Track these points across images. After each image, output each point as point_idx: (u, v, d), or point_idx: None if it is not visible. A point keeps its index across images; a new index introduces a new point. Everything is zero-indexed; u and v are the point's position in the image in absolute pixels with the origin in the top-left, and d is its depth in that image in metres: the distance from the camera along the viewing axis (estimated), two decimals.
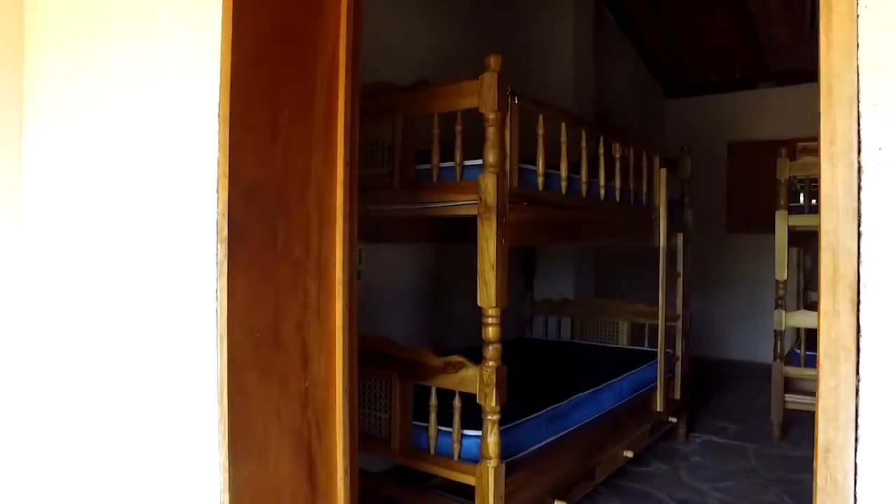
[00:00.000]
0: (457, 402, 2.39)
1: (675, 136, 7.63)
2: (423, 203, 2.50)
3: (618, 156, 3.19)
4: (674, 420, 4.08)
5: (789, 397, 4.40)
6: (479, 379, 2.30)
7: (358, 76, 1.72)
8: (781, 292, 4.35)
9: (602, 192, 3.04)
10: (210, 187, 1.46)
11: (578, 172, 2.88)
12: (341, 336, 1.68)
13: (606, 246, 5.44)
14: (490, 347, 2.30)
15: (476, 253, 2.27)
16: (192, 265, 1.50)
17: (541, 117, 2.54)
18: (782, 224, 4.29)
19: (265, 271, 1.52)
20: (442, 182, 2.47)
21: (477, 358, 2.36)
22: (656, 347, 4.37)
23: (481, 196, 2.25)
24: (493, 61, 2.25)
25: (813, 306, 5.89)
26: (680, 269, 4.14)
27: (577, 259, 5.19)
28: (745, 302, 7.31)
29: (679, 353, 4.20)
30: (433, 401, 2.45)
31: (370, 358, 2.60)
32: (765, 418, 4.89)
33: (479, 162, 2.34)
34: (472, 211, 2.33)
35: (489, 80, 2.25)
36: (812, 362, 4.29)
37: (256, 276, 1.50)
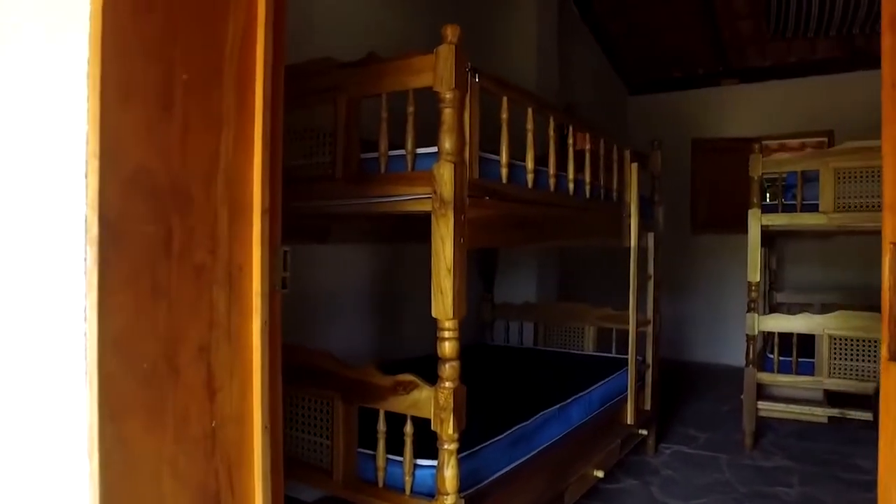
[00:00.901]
0: (408, 429, 2.07)
1: (639, 133, 7.44)
2: (370, 197, 2.17)
3: (588, 147, 2.91)
4: (644, 432, 3.83)
5: (761, 404, 4.21)
6: (433, 402, 1.98)
7: (283, 34, 1.38)
8: (754, 295, 4.15)
9: (571, 186, 2.75)
10: (77, 173, 1.11)
11: (545, 165, 2.58)
12: (259, 359, 1.34)
13: (573, 246, 5.19)
14: (447, 366, 1.98)
15: (430, 255, 1.95)
16: (54, 276, 1.14)
17: (504, 99, 2.23)
18: (755, 224, 4.09)
19: (156, 282, 1.17)
20: (391, 173, 2.14)
21: (433, 368, 2.04)
22: (625, 354, 4.12)
23: (436, 189, 1.93)
24: (451, 32, 1.93)
25: (777, 308, 5.76)
26: (651, 270, 3.89)
27: (539, 260, 4.92)
28: (708, 304, 7.17)
29: (649, 360, 3.95)
30: (381, 426, 2.12)
31: (309, 376, 2.26)
32: (735, 425, 4.70)
33: (434, 150, 2.02)
34: (426, 206, 2.01)
35: (446, 53, 1.93)
36: (786, 368, 4.11)
37: (143, 289, 1.15)
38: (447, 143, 1.93)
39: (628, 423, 3.58)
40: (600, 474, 3.12)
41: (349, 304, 3.57)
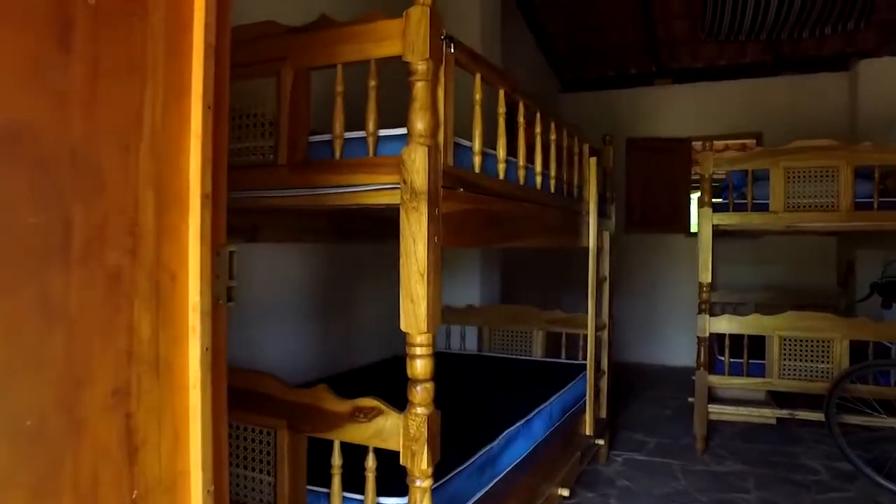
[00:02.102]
0: (370, 463, 1.74)
1: None
2: (321, 187, 1.82)
3: (553, 138, 2.67)
4: (601, 442, 3.63)
5: (712, 407, 4.11)
6: (402, 431, 1.66)
7: None
8: (705, 295, 4.04)
9: (539, 180, 2.49)
10: None
11: (513, 155, 2.31)
12: (199, 400, 0.98)
13: (529, 247, 4.96)
14: (419, 388, 1.67)
15: (394, 254, 1.63)
16: None
17: (478, 77, 1.94)
18: (706, 223, 3.98)
19: (45, 297, 0.80)
20: (348, 158, 1.80)
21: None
22: (575, 359, 3.94)
23: (406, 177, 1.61)
24: None
25: (712, 308, 5.74)
26: (606, 272, 3.70)
27: (482, 260, 4.67)
28: (642, 304, 7.14)
29: (604, 365, 3.76)
30: (337, 459, 1.78)
31: (246, 401, 1.89)
32: (682, 428, 4.62)
33: (401, 131, 1.71)
34: (392, 198, 1.69)
35: (418, 16, 1.61)
36: (737, 370, 4.02)
37: (23, 308, 0.78)
38: (419, 123, 1.61)
39: (587, 433, 3.36)
40: (566, 493, 2.89)
41: (290, 311, 3.18)
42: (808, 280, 6.34)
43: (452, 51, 1.73)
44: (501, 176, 2.11)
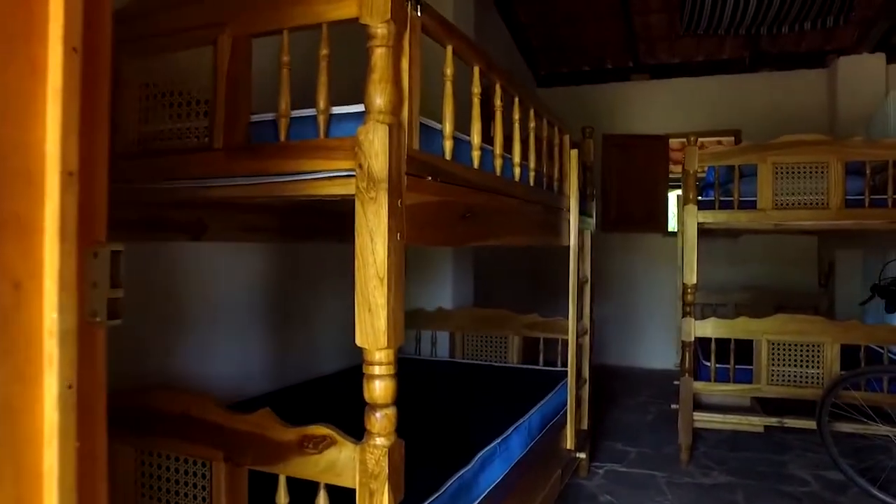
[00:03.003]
0: (322, 501, 1.46)
1: None
2: (264, 175, 1.54)
3: (532, 126, 2.41)
4: (583, 455, 3.39)
5: (697, 415, 3.90)
6: (359, 466, 1.39)
7: None
8: (690, 298, 3.83)
9: (517, 171, 2.23)
10: None
11: (489, 143, 2.05)
12: (58, 461, 0.70)
13: (506, 245, 4.70)
14: (378, 415, 1.39)
15: (350, 255, 1.36)
16: None
17: (449, 49, 1.68)
18: (692, 221, 3.76)
19: None
20: (295, 141, 1.53)
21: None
22: (554, 366, 3.70)
23: (362, 161, 1.34)
24: None
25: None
26: (587, 273, 3.46)
27: (454, 259, 4.41)
28: (620, 305, 6.95)
29: (585, 373, 3.53)
30: (282, 498, 1.51)
31: (177, 427, 1.61)
32: (664, 436, 4.41)
33: (359, 108, 1.44)
34: (346, 188, 1.42)
35: None
36: (723, 376, 3.81)
37: None
38: (379, 98, 1.34)
39: (568, 447, 3.12)
40: None
41: (246, 316, 2.89)
42: (789, 280, 6.20)
43: (419, 14, 1.47)
44: (476, 164, 1.84)
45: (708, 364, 3.85)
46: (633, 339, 6.97)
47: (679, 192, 8.37)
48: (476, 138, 1.84)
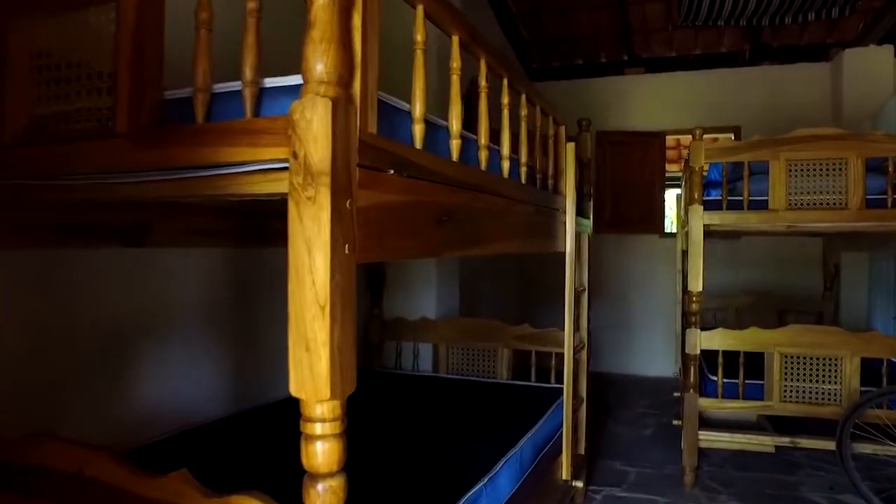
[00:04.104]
0: None
1: None
2: (176, 169, 1.19)
3: (524, 113, 2.07)
4: (579, 484, 3.05)
5: (702, 434, 3.57)
6: None
7: None
8: (696, 307, 3.49)
9: (506, 166, 1.89)
10: None
11: (472, 131, 1.71)
12: None
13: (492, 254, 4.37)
14: (319, 487, 1.04)
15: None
16: None
17: (420, 10, 1.32)
18: (697, 223, 3.43)
19: None
20: (216, 122, 1.18)
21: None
22: (547, 382, 3.36)
23: (297, 148, 1.00)
24: None
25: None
26: (585, 281, 3.12)
27: (438, 264, 4.06)
28: (615, 310, 6.62)
29: (583, 391, 3.19)
30: None
31: (70, 492, 1.25)
32: (665, 454, 4.09)
33: (296, 80, 1.09)
34: (280, 185, 1.07)
35: None
36: (732, 392, 3.49)
37: None
38: (320, 63, 1.00)
39: (564, 477, 2.78)
40: None
41: (190, 332, 2.53)
42: (792, 283, 5.89)
43: None
44: (455, 156, 1.50)
45: (714, 379, 3.52)
46: (629, 346, 6.65)
47: (677, 191, 8.10)
48: (456, 124, 1.49)
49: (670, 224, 8.01)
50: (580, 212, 3.04)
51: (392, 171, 1.18)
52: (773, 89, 6.30)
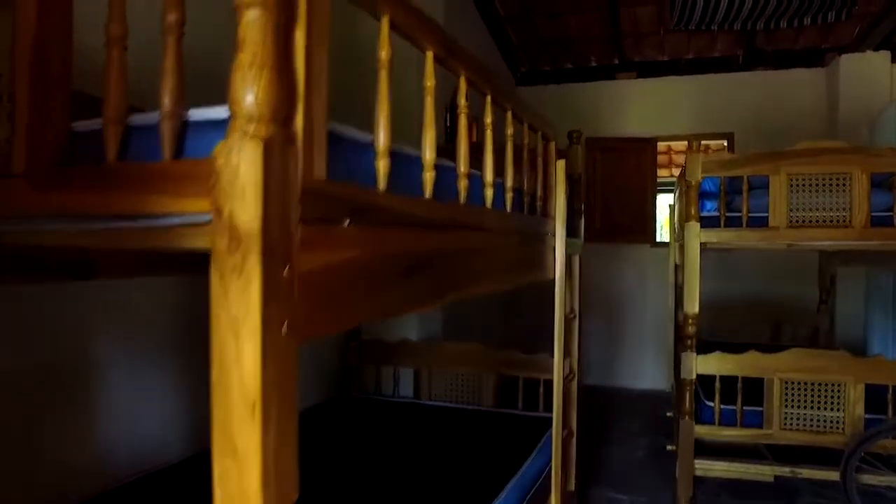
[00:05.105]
0: None
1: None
2: (82, 219, 0.97)
3: (510, 132, 1.86)
4: None
5: (698, 462, 3.38)
6: None
7: None
8: (692, 329, 3.30)
9: (490, 194, 1.68)
10: None
11: (450, 157, 1.50)
12: None
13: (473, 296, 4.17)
14: None
15: None
16: None
17: (385, 21, 1.11)
18: (694, 241, 3.24)
19: None
20: (130, 162, 0.96)
21: None
22: (535, 410, 3.17)
23: (221, 203, 0.78)
24: None
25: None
26: (576, 306, 2.92)
27: None
28: (605, 321, 6.44)
29: (573, 423, 2.99)
30: None
31: None
32: (658, 480, 3.91)
33: (223, 113, 0.87)
34: (201, 241, 0.86)
35: None
36: (730, 418, 3.30)
37: None
38: (249, 94, 0.78)
39: None
40: None
41: (150, 368, 2.30)
42: (787, 295, 5.73)
43: None
44: (429, 192, 1.28)
45: (711, 405, 3.34)
46: (620, 358, 6.47)
47: (669, 195, 7.92)
48: (430, 153, 1.28)
49: (661, 230, 7.85)
50: (571, 231, 2.84)
51: (347, 222, 0.97)
52: (768, 95, 6.14)
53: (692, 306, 3.28)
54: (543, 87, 6.74)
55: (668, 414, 4.55)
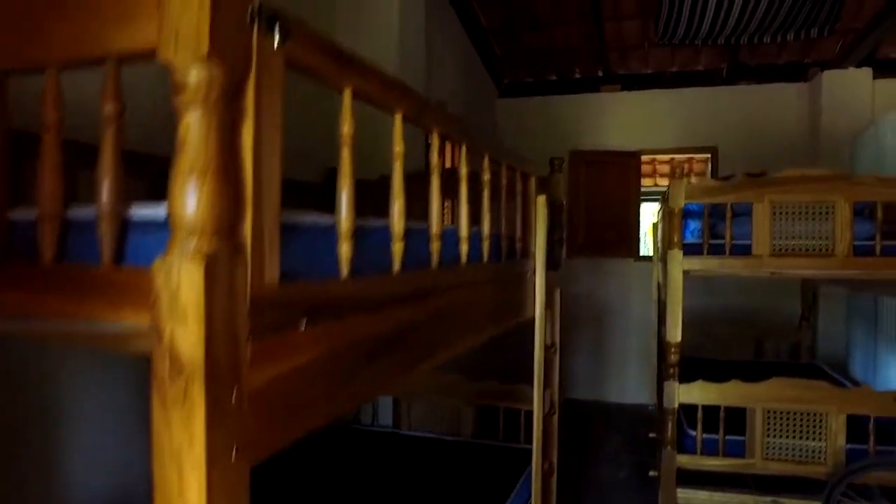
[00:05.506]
0: None
1: (511, 141, 6.54)
2: (15, 317, 0.90)
3: (487, 178, 1.81)
4: None
5: (681, 492, 3.34)
6: None
7: None
8: (674, 358, 3.27)
9: (465, 250, 1.62)
10: None
11: (420, 216, 1.43)
12: None
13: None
14: None
15: None
16: None
17: (346, 95, 1.04)
18: (677, 269, 3.21)
19: None
20: (70, 262, 0.89)
21: None
22: (516, 441, 3.12)
23: (162, 327, 0.72)
24: None
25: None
26: (556, 338, 2.87)
27: None
28: (588, 335, 6.41)
29: (554, 457, 2.94)
30: None
31: None
32: (639, 501, 3.87)
33: (161, 212, 0.81)
34: (143, 345, 0.79)
35: None
36: (712, 447, 3.27)
37: None
38: (189, 205, 0.72)
39: None
40: None
41: (122, 398, 2.22)
42: (770, 311, 5.72)
43: (281, 42, 0.83)
44: (398, 265, 1.22)
45: (693, 433, 3.30)
46: (605, 372, 6.45)
47: (653, 203, 7.90)
48: (398, 223, 1.21)
49: (645, 237, 7.83)
50: (552, 264, 2.78)
51: (304, 324, 0.91)
52: (751, 109, 6.14)
53: (675, 335, 3.25)
54: (527, 98, 6.69)
55: (652, 435, 4.52)
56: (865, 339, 5.06)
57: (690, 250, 3.25)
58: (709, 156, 6.27)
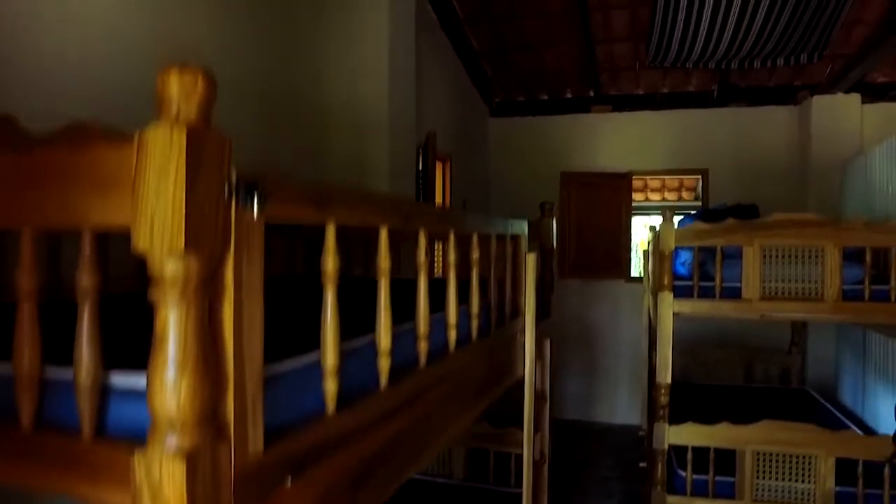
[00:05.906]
0: None
1: (502, 161, 6.56)
2: None
3: (476, 256, 1.80)
4: None
5: None
6: None
7: None
8: (664, 399, 3.27)
9: (453, 336, 1.61)
10: None
11: (406, 318, 1.43)
12: None
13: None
14: None
15: None
16: None
17: (330, 231, 1.03)
18: (667, 310, 3.22)
19: None
20: (51, 430, 0.87)
21: None
22: (506, 485, 3.13)
23: None
24: (179, 81, 0.72)
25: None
26: (546, 386, 2.87)
27: None
28: (579, 357, 6.42)
29: (544, 501, 2.94)
30: None
31: None
32: None
33: (142, 382, 0.79)
34: None
35: (163, 144, 0.70)
36: (702, 489, 3.28)
37: None
38: (170, 402, 0.71)
39: None
40: None
41: None
42: (760, 336, 5.73)
43: (259, 210, 0.82)
44: (385, 381, 1.21)
45: (683, 474, 3.31)
46: (596, 393, 6.46)
47: (644, 218, 7.93)
48: (386, 338, 1.20)
49: (636, 252, 7.84)
50: (542, 314, 2.78)
51: (290, 481, 0.90)
52: (741, 131, 6.16)
53: (665, 376, 3.26)
54: (519, 118, 6.69)
55: (642, 465, 4.53)
56: (854, 365, 5.09)
57: (681, 291, 3.25)
58: (699, 177, 6.28)
